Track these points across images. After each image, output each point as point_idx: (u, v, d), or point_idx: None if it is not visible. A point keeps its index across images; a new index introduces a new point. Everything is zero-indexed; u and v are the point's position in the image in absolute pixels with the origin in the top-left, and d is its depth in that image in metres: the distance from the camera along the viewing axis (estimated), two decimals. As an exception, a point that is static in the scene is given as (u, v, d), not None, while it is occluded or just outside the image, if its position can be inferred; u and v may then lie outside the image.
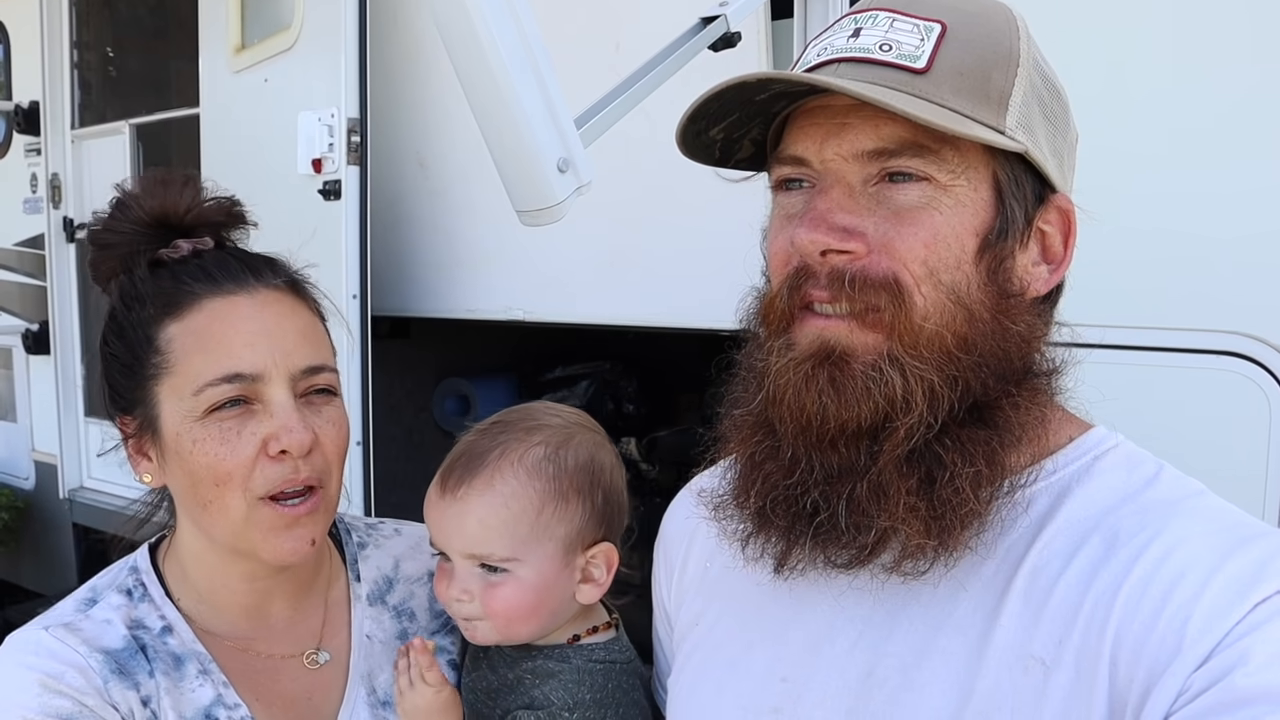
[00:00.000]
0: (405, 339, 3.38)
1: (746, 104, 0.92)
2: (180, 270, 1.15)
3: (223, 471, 1.09)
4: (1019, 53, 0.92)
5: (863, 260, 0.88)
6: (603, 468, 1.24)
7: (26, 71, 4.67)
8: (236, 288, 1.14)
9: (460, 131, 2.94)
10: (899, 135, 0.87)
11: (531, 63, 1.14)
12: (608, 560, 1.23)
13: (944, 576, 0.90)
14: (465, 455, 1.22)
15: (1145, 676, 0.79)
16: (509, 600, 1.18)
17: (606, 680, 1.21)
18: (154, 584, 1.20)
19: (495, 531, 1.17)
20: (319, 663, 1.24)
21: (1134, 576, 0.83)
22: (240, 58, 3.30)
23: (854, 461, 0.89)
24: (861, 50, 0.89)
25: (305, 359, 1.14)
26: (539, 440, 1.21)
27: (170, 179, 1.18)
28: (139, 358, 1.14)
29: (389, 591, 1.32)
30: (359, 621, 1.28)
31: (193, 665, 1.15)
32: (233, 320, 1.12)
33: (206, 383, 1.10)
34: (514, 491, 1.18)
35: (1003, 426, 0.90)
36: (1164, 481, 0.91)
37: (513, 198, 1.20)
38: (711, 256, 2.44)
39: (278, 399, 1.11)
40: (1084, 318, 1.02)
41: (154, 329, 1.13)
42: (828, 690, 0.94)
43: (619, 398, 3.67)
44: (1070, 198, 0.97)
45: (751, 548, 0.96)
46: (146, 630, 1.15)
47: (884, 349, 0.88)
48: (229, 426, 1.10)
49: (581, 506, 1.21)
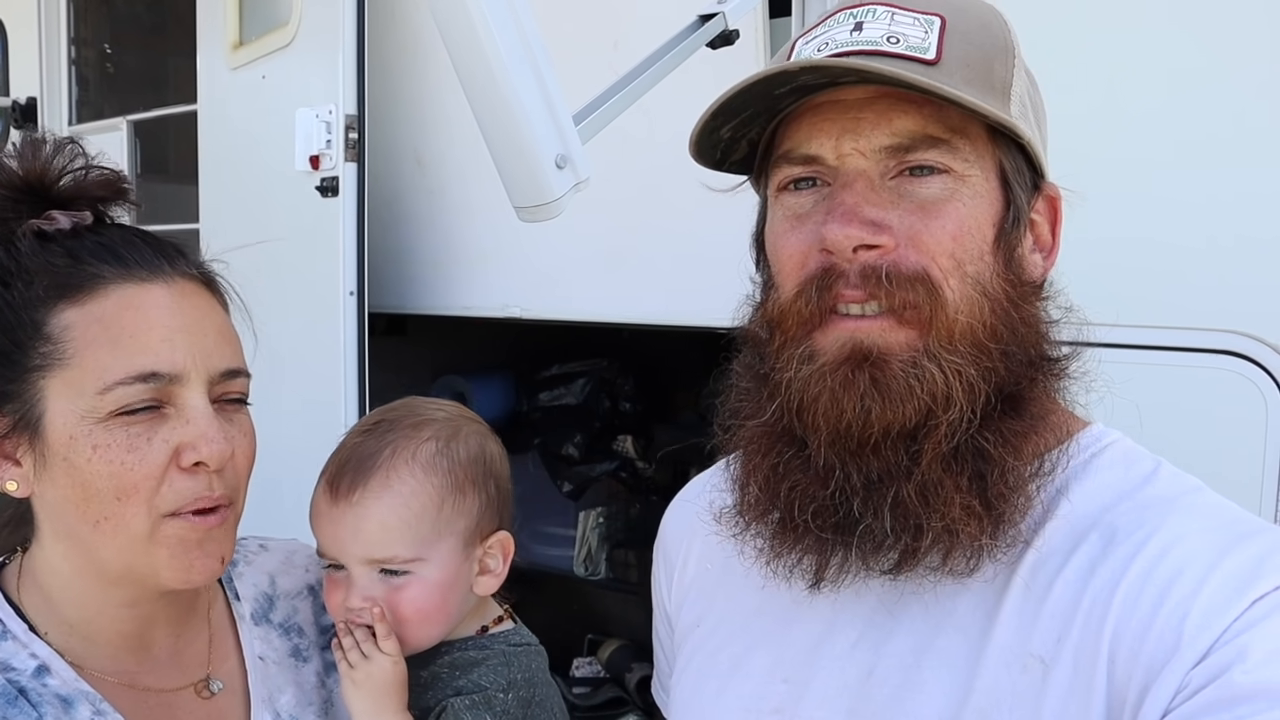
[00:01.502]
0: (402, 336, 3.38)
1: (765, 98, 0.91)
2: (77, 247, 1.01)
3: (127, 483, 0.96)
4: (1014, 44, 0.93)
5: (893, 255, 0.87)
6: (493, 457, 1.23)
7: (24, 67, 4.67)
8: (150, 275, 1.01)
9: (458, 129, 2.94)
10: (915, 128, 0.87)
11: (529, 58, 1.14)
12: (504, 550, 1.23)
13: (945, 575, 0.89)
14: (354, 458, 1.17)
15: (1143, 674, 0.79)
16: (415, 601, 1.15)
17: (529, 661, 1.22)
18: (12, 618, 1.03)
19: (397, 533, 1.14)
20: (213, 692, 1.12)
21: (1132, 573, 0.83)
22: (238, 54, 3.29)
23: (895, 465, 0.87)
24: (869, 43, 0.88)
25: (225, 361, 1.03)
26: (428, 435, 1.19)
27: (43, 141, 1.04)
28: (18, 344, 0.98)
29: (271, 609, 1.23)
30: (249, 643, 1.17)
31: (84, 707, 1.01)
32: (147, 311, 0.99)
33: (117, 380, 0.96)
34: (413, 490, 1.15)
35: (1035, 415, 0.90)
36: (1162, 478, 0.91)
37: (510, 194, 1.20)
38: (709, 254, 2.43)
39: (194, 404, 0.99)
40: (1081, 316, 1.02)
41: (42, 312, 0.98)
42: (828, 691, 0.93)
43: (616, 395, 3.67)
44: (1056, 187, 0.97)
45: (781, 564, 0.94)
46: (17, 672, 0.99)
47: (920, 345, 0.87)
48: (137, 432, 0.97)
49: (477, 498, 1.19)
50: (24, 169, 1.02)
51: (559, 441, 3.55)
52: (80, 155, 1.05)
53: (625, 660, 3.48)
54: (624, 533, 3.56)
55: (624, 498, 3.59)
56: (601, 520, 3.55)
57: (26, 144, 1.04)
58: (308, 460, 1.23)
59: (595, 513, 3.55)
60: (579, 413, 3.59)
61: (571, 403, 3.59)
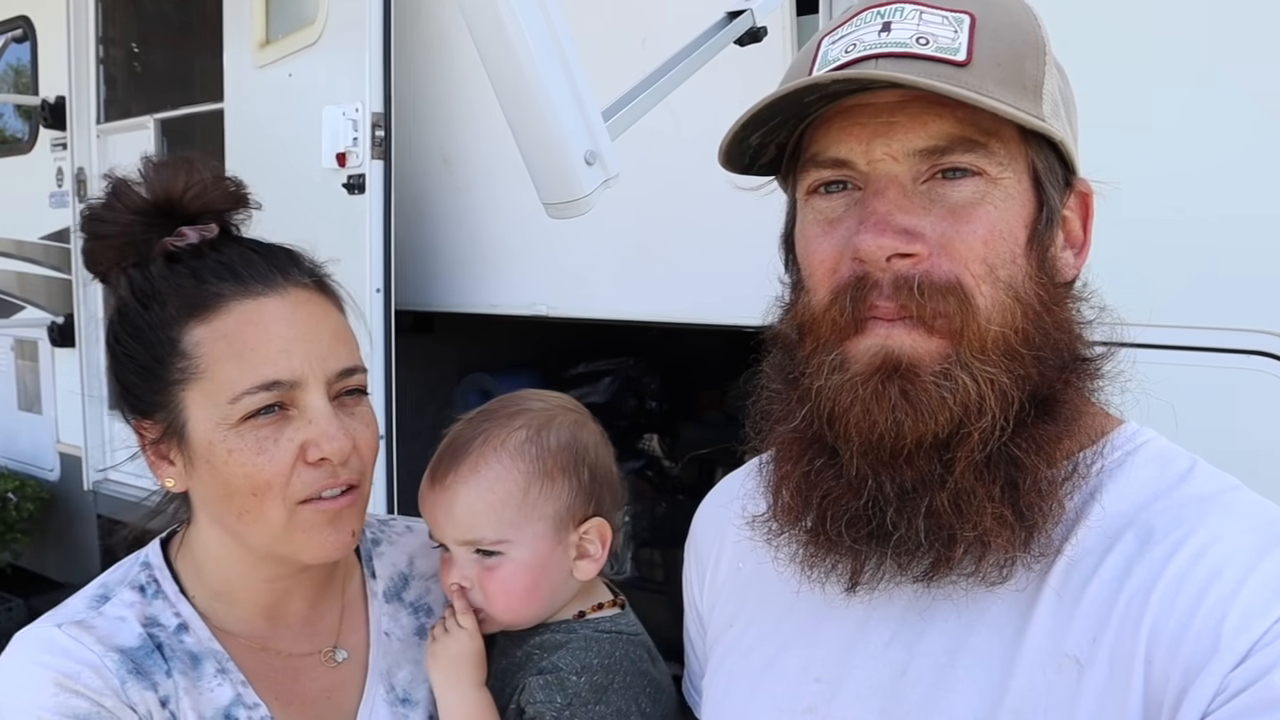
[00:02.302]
0: (429, 333, 3.39)
1: (795, 105, 0.89)
2: (200, 267, 1.10)
3: (260, 481, 1.06)
4: (1044, 40, 0.91)
5: (925, 263, 0.85)
6: (586, 446, 1.26)
7: (53, 67, 4.72)
8: (265, 288, 1.10)
9: (484, 127, 2.95)
10: (949, 131, 0.86)
11: (559, 54, 1.14)
12: (601, 535, 1.26)
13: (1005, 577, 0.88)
14: (450, 445, 1.24)
15: (1181, 675, 0.78)
16: (506, 581, 1.21)
17: (614, 648, 1.23)
18: (167, 580, 1.16)
19: (483, 515, 1.20)
20: (337, 660, 1.22)
21: (1169, 573, 0.82)
22: (265, 53, 3.31)
23: (928, 474, 0.86)
24: (898, 45, 0.86)
25: (340, 361, 1.11)
26: (520, 424, 1.24)
27: (167, 161, 1.12)
28: (161, 360, 1.09)
29: (405, 588, 1.31)
30: (376, 618, 1.27)
31: (210, 664, 1.12)
32: (264, 324, 1.08)
33: (244, 390, 1.06)
34: (498, 475, 1.20)
35: (1069, 419, 0.89)
36: (1198, 476, 0.90)
37: (540, 190, 1.19)
38: (735, 252, 2.43)
39: (315, 404, 1.08)
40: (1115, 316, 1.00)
41: (176, 331, 1.08)
42: (861, 690, 0.93)
43: (642, 394, 3.67)
44: (1088, 182, 0.96)
45: (816, 570, 0.93)
46: (161, 628, 1.12)
47: (951, 354, 0.86)
48: (265, 435, 1.06)
49: (567, 484, 1.23)
50: (151, 191, 1.11)
51: (584, 439, 3.54)
52: (200, 170, 1.13)
53: (650, 658, 3.47)
54: (650, 531, 3.55)
55: (650, 497, 3.59)
56: (627, 519, 3.55)
57: (150, 165, 1.12)
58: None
59: (621, 511, 3.54)
60: (605, 411, 3.56)
61: (598, 401, 3.59)
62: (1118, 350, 0.95)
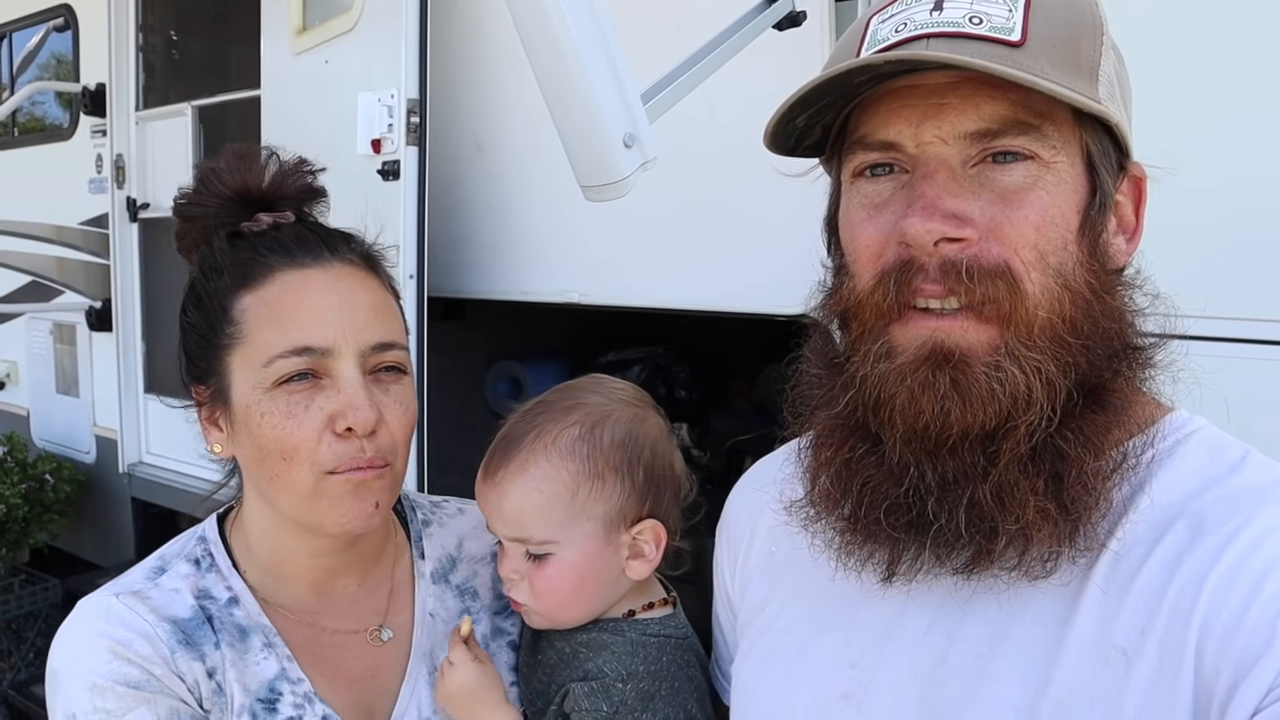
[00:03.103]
0: (459, 320, 3.39)
1: (843, 86, 0.87)
2: (258, 242, 1.15)
3: (289, 445, 1.09)
4: (1102, 20, 0.89)
5: (974, 248, 0.84)
6: (642, 444, 1.22)
7: (94, 55, 4.77)
8: (310, 260, 1.14)
9: (518, 114, 2.94)
10: (1002, 113, 0.84)
11: (599, 35, 1.13)
12: (655, 536, 1.23)
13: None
14: (504, 439, 1.22)
15: (1233, 669, 0.76)
16: (552, 580, 1.19)
17: (661, 653, 1.20)
18: (221, 554, 1.19)
19: (530, 516, 1.18)
20: (383, 640, 1.23)
21: (1222, 565, 0.80)
22: (301, 40, 3.32)
23: (971, 465, 0.85)
24: (950, 24, 0.84)
25: (376, 335, 1.13)
26: (574, 420, 1.21)
27: (251, 153, 1.19)
28: (214, 327, 1.14)
29: (452, 570, 1.32)
30: (422, 599, 1.28)
31: (257, 638, 1.15)
32: (304, 292, 1.12)
33: (276, 354, 1.09)
34: (546, 475, 1.18)
35: (1119, 409, 0.87)
36: (1251, 466, 0.88)
37: (578, 173, 1.19)
38: (767, 241, 2.41)
39: (346, 374, 1.10)
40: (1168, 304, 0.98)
41: (229, 299, 1.13)
42: (899, 677, 0.91)
43: (671, 383, 3.66)
44: (1142, 166, 0.94)
45: (854, 558, 0.92)
46: (213, 600, 1.15)
47: (1000, 344, 0.84)
48: (296, 400, 1.09)
49: (620, 485, 1.20)
50: (232, 180, 1.17)
51: (614, 428, 3.54)
52: (279, 163, 1.19)
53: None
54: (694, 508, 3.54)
55: (678, 486, 3.58)
56: (656, 508, 3.54)
57: (235, 157, 1.19)
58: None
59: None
60: (635, 399, 3.58)
61: (627, 389, 3.59)
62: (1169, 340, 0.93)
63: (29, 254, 5.24)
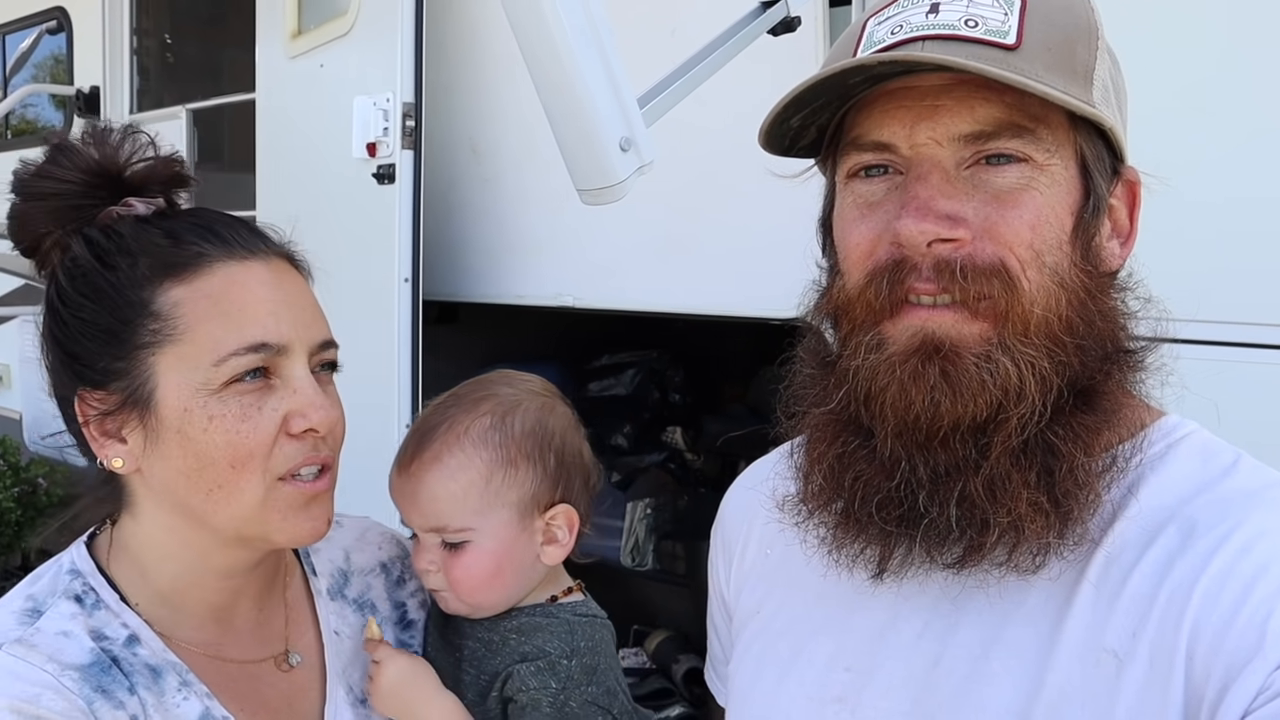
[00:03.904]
0: (453, 324, 3.39)
1: (838, 87, 0.88)
2: (176, 228, 1.04)
3: (243, 451, 1.00)
4: (1097, 25, 0.90)
5: (968, 247, 0.84)
6: (552, 431, 1.25)
7: (88, 57, 4.77)
8: (249, 253, 1.05)
9: (513, 118, 2.95)
10: (996, 116, 0.84)
11: (596, 39, 1.13)
12: (568, 521, 1.25)
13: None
14: (418, 431, 1.24)
15: (1223, 672, 0.77)
16: (469, 568, 1.20)
17: (594, 631, 1.24)
18: (104, 588, 1.06)
19: (445, 504, 1.20)
20: (290, 665, 1.16)
21: (1213, 568, 0.80)
22: (296, 43, 3.33)
23: (963, 458, 0.85)
24: (946, 27, 0.85)
25: (320, 333, 1.08)
26: (485, 410, 1.23)
27: (111, 129, 1.06)
28: (125, 322, 1.01)
29: (346, 585, 1.27)
30: (325, 618, 1.21)
31: (171, 677, 1.04)
32: (251, 287, 1.04)
33: (230, 352, 1.00)
34: (460, 464, 1.20)
35: (1109, 410, 0.88)
36: (1243, 471, 0.88)
37: (574, 176, 1.19)
38: (761, 245, 2.42)
39: (299, 374, 1.04)
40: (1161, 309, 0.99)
41: (149, 291, 1.01)
42: (893, 680, 0.92)
43: (665, 387, 3.66)
44: (1136, 171, 0.94)
45: (845, 554, 0.93)
46: (110, 641, 1.02)
47: (993, 338, 0.85)
48: (249, 402, 1.01)
49: (532, 471, 1.22)
50: (92, 156, 1.04)
51: (608, 432, 3.55)
52: (146, 144, 1.07)
53: (672, 651, 3.47)
54: (672, 524, 3.55)
55: (672, 489, 3.58)
56: (649, 511, 3.55)
57: (96, 132, 1.06)
58: (360, 445, 1.25)
59: (643, 504, 3.54)
60: (628, 403, 3.59)
61: (621, 393, 3.59)
62: (1161, 344, 0.94)
63: (22, 257, 5.23)
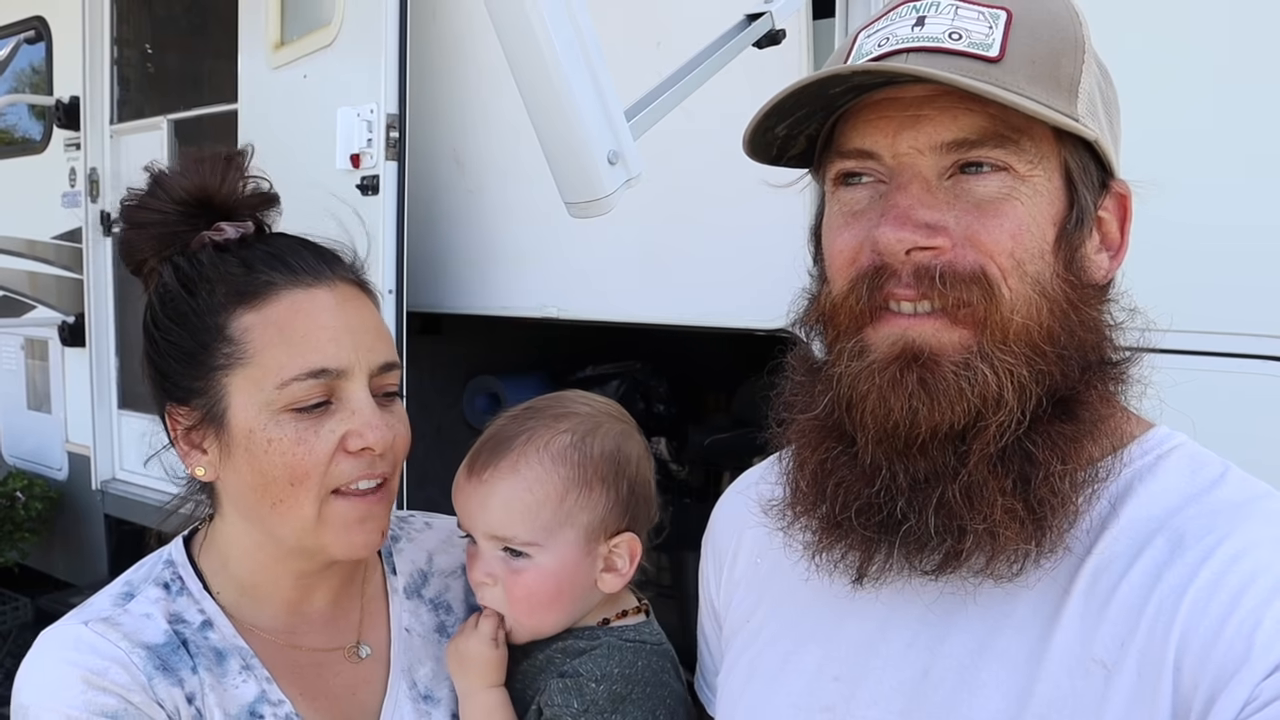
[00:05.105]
0: (437, 335, 3.39)
1: (820, 97, 0.90)
2: (250, 257, 1.12)
3: (300, 471, 1.07)
4: (1085, 39, 0.91)
5: (948, 255, 0.85)
6: (629, 458, 1.24)
7: (68, 67, 4.73)
8: (314, 280, 1.12)
9: (497, 130, 2.95)
10: (979, 125, 0.85)
11: (584, 53, 1.14)
12: (631, 550, 1.24)
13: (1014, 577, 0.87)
14: (493, 439, 1.23)
15: (1211, 682, 0.78)
16: (530, 585, 1.19)
17: (636, 658, 1.22)
18: (191, 578, 1.17)
19: (518, 515, 1.19)
20: (360, 657, 1.22)
21: (1201, 579, 0.81)
22: (280, 54, 3.32)
23: (942, 465, 0.86)
24: (930, 39, 0.86)
25: (382, 356, 1.13)
26: (566, 428, 1.22)
27: (206, 157, 1.15)
28: (205, 345, 1.10)
29: (424, 585, 1.32)
30: (397, 615, 1.27)
31: (235, 661, 1.13)
32: (315, 314, 1.10)
33: (292, 377, 1.07)
34: (538, 477, 1.19)
35: (1088, 420, 0.88)
36: (1231, 482, 0.89)
37: (562, 189, 1.20)
38: (746, 256, 2.43)
39: (358, 396, 1.10)
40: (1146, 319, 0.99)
41: (224, 317, 1.10)
42: (882, 690, 0.92)
43: (649, 397, 3.66)
44: (1126, 184, 0.95)
45: (825, 559, 0.93)
46: (186, 625, 1.13)
47: (973, 345, 0.85)
48: (306, 425, 1.08)
49: (605, 495, 1.21)
50: (191, 184, 1.12)
51: (592, 443, 3.54)
52: (236, 168, 1.15)
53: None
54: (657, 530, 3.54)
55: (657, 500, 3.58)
56: (635, 523, 3.54)
57: (189, 159, 1.14)
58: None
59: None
60: (613, 414, 3.58)
61: (605, 404, 3.59)
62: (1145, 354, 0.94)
63: (0, 268, 5.18)
